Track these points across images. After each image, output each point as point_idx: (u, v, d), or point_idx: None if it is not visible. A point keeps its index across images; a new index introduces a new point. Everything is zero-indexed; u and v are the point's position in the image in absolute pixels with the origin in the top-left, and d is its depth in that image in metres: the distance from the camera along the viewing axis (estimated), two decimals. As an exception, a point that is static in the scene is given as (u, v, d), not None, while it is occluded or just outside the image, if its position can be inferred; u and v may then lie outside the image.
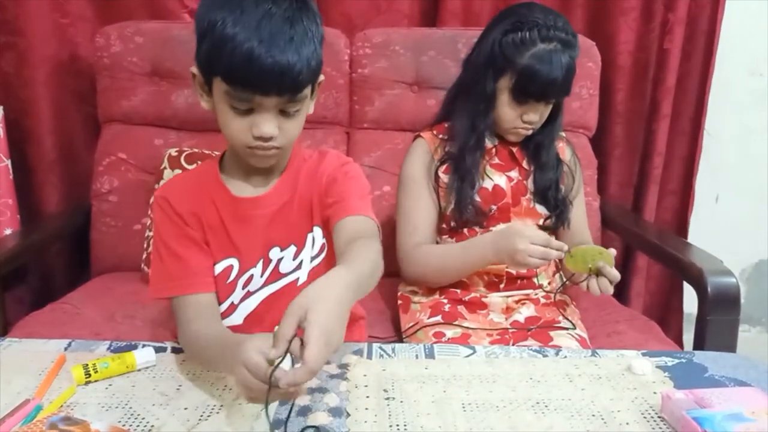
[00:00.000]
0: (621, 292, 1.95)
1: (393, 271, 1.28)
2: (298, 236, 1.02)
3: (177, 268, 0.97)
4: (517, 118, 1.29)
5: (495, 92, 1.28)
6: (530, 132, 1.32)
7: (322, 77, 0.97)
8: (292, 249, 1.02)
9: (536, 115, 1.28)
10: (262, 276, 1.02)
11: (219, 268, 1.00)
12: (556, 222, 1.37)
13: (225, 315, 1.02)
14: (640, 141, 1.94)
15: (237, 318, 1.02)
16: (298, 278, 1.03)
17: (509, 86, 1.26)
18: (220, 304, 1.01)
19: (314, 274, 1.02)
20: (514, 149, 1.36)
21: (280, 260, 1.01)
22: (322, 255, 1.04)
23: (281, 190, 1.01)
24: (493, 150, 1.35)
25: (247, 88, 0.86)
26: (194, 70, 0.94)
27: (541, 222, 1.36)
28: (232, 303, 1.02)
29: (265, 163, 0.97)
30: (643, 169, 1.95)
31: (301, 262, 1.03)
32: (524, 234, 1.18)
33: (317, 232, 1.03)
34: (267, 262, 1.01)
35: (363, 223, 0.95)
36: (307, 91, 0.92)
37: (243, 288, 1.02)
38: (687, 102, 1.92)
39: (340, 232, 0.94)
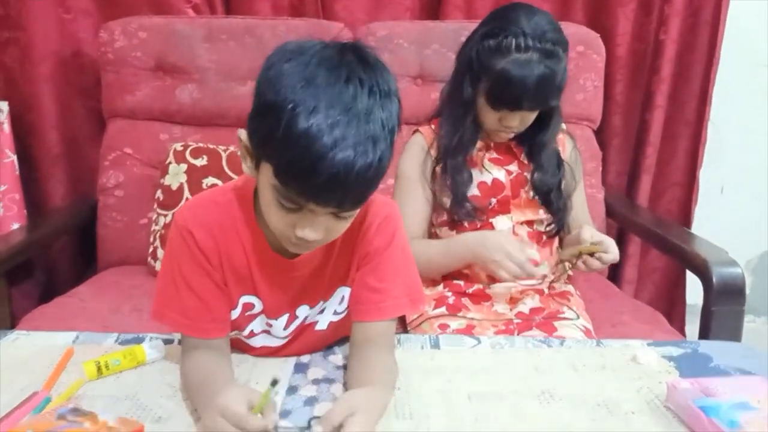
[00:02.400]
0: (625, 282, 1.95)
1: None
2: (328, 293, 0.95)
3: (194, 308, 0.87)
4: (497, 122, 1.28)
5: (474, 96, 1.27)
6: (512, 135, 1.31)
7: None
8: (320, 305, 0.96)
9: (515, 120, 1.27)
10: (285, 329, 0.95)
11: (240, 301, 0.91)
12: (556, 227, 1.37)
13: (245, 337, 0.96)
14: (635, 131, 1.94)
15: (255, 342, 0.96)
16: (316, 322, 0.97)
17: (486, 92, 1.25)
18: (242, 329, 0.94)
19: (333, 325, 0.97)
20: (512, 144, 1.36)
21: (306, 316, 0.95)
22: (344, 313, 0.97)
23: (323, 249, 0.89)
24: (491, 145, 1.35)
25: (300, 196, 0.75)
26: (242, 135, 0.80)
27: (541, 213, 1.36)
28: (252, 331, 0.95)
29: (303, 252, 0.87)
30: (636, 160, 1.96)
31: (324, 309, 0.96)
32: (505, 248, 1.20)
33: (347, 291, 0.95)
34: (292, 318, 0.94)
35: (388, 328, 0.92)
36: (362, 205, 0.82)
37: (264, 325, 0.95)
38: (689, 93, 1.91)
39: (364, 330, 0.91)
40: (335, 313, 0.97)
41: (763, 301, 2.28)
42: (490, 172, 1.34)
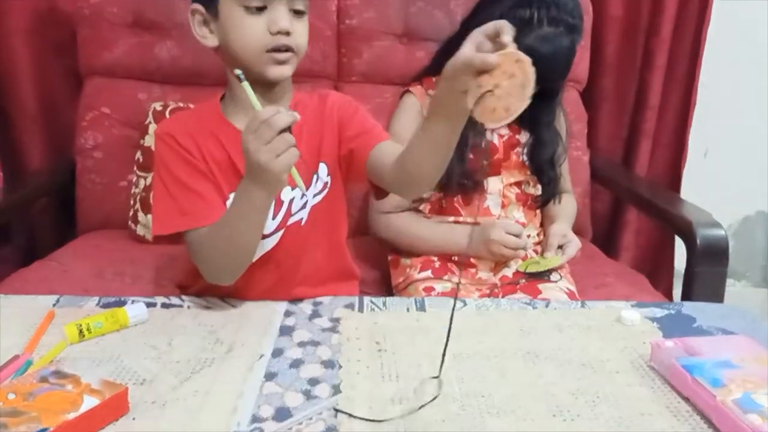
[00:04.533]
0: (611, 246, 1.96)
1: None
2: (305, 175, 1.00)
3: (190, 202, 0.95)
4: None
5: None
6: None
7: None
8: (300, 192, 1.01)
9: None
10: (274, 219, 1.00)
11: (231, 197, 0.97)
12: (547, 198, 1.37)
13: None
14: (631, 94, 1.92)
15: None
16: (302, 218, 1.03)
17: None
18: None
19: (314, 212, 1.03)
20: None
21: (291, 200, 1.01)
22: (324, 192, 1.04)
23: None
24: None
25: None
26: (194, 5, 0.96)
27: (529, 174, 1.36)
28: None
29: (282, 73, 0.96)
30: (634, 122, 1.93)
31: (306, 202, 1.02)
32: (498, 224, 1.24)
33: (322, 169, 1.03)
34: (279, 203, 1.00)
35: (395, 147, 0.98)
36: None
37: None
38: (681, 53, 1.89)
39: (384, 156, 0.97)
40: (314, 196, 1.03)
41: (744, 265, 2.32)
42: (483, 134, 1.33)
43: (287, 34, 0.93)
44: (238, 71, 0.87)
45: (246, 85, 0.86)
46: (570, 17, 1.20)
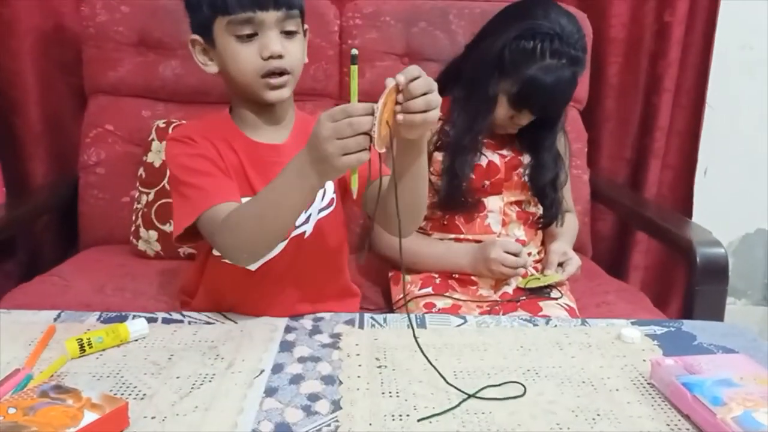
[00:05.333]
0: (618, 266, 1.96)
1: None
2: None
3: (208, 185, 0.95)
4: (508, 119, 1.29)
5: (497, 94, 1.26)
6: (516, 131, 1.33)
7: (307, 26, 1.03)
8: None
9: (526, 120, 1.29)
10: None
11: (243, 201, 0.97)
12: (549, 220, 1.38)
13: None
14: (635, 114, 1.93)
15: (252, 264, 0.99)
16: (305, 231, 1.03)
17: (509, 92, 1.24)
18: None
19: (320, 226, 1.04)
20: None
21: None
22: (331, 208, 1.06)
23: (297, 140, 1.00)
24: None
25: (246, 8, 0.92)
26: (193, 36, 1.00)
27: (530, 194, 1.37)
28: None
29: (280, 96, 0.98)
30: (642, 144, 1.93)
31: (309, 216, 1.03)
32: (497, 243, 1.25)
33: (328, 186, 1.05)
34: None
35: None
36: (299, 16, 0.98)
37: None
38: (687, 75, 1.90)
39: (377, 191, 0.95)
40: (320, 211, 1.04)
41: (744, 284, 2.31)
42: (485, 155, 1.34)
43: (279, 57, 0.95)
44: (354, 51, 0.85)
45: (354, 69, 0.83)
46: (573, 50, 1.21)
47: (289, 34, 0.97)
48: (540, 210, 1.39)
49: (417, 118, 0.79)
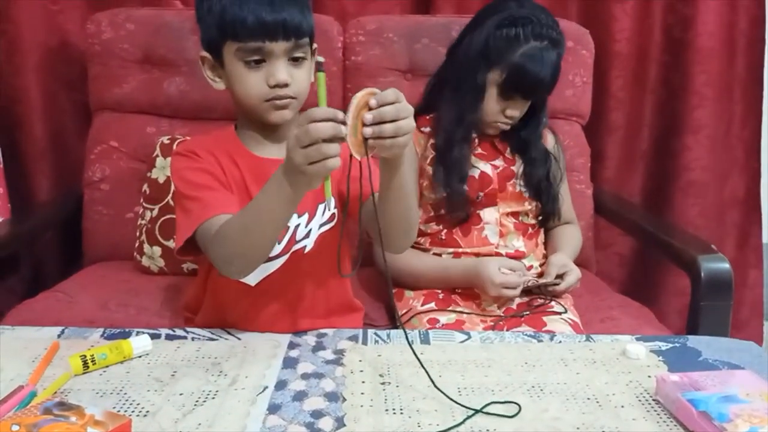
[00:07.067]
0: (624, 281, 1.96)
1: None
2: (311, 205, 1.03)
3: (207, 198, 0.96)
4: (499, 112, 1.31)
5: (485, 85, 1.29)
6: (508, 127, 1.34)
7: (315, 45, 1.04)
8: (305, 217, 1.03)
9: (518, 111, 1.31)
10: (279, 243, 1.01)
11: None
12: (548, 215, 1.38)
13: None
14: (643, 130, 1.93)
15: (251, 278, 1.00)
16: (305, 246, 1.04)
17: (498, 81, 1.27)
18: None
19: (321, 241, 1.05)
20: (495, 140, 1.39)
21: (297, 227, 1.02)
22: (332, 223, 1.06)
23: None
24: (476, 141, 1.37)
25: (256, 38, 0.94)
26: (203, 53, 1.02)
27: (526, 205, 1.37)
28: None
29: (283, 117, 0.99)
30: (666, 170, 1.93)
31: (310, 231, 1.04)
32: (490, 267, 1.25)
33: (330, 201, 1.03)
34: (285, 229, 1.01)
35: None
36: (307, 44, 0.99)
37: None
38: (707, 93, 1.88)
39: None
40: (320, 226, 1.05)
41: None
42: (477, 166, 1.35)
43: (285, 85, 0.96)
44: (319, 58, 0.83)
45: (321, 75, 0.81)
46: (553, 32, 1.25)
47: (296, 60, 0.98)
48: (539, 222, 1.40)
49: (386, 142, 0.78)
